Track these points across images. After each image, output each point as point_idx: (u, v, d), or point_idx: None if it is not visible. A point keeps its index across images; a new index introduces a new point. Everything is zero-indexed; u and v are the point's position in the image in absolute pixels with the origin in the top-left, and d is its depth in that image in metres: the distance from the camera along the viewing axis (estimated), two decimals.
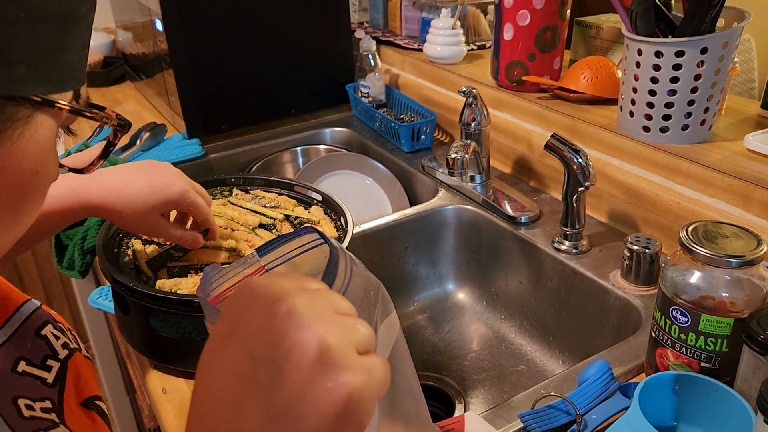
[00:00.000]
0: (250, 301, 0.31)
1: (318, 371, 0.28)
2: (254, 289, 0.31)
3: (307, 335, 0.29)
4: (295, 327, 0.29)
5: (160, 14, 1.09)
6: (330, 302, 0.31)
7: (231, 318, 0.31)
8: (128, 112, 1.40)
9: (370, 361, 0.30)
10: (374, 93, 1.27)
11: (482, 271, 0.99)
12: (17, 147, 0.31)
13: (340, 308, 0.31)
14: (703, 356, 0.57)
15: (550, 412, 0.59)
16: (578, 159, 0.79)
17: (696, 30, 0.77)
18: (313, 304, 0.30)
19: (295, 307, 0.29)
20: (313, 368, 0.28)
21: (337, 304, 0.31)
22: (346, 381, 0.28)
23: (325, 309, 0.30)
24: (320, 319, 0.29)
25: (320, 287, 0.32)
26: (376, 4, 1.47)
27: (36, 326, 0.44)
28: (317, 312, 0.30)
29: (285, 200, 0.82)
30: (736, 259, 0.55)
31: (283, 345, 0.29)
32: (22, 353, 0.41)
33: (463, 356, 0.91)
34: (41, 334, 0.44)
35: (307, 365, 0.28)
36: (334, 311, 0.31)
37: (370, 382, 0.29)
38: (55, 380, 0.42)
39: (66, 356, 0.44)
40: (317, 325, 0.29)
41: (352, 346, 0.30)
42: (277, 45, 1.22)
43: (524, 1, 0.99)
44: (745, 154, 0.80)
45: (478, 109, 0.97)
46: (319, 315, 0.30)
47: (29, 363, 0.41)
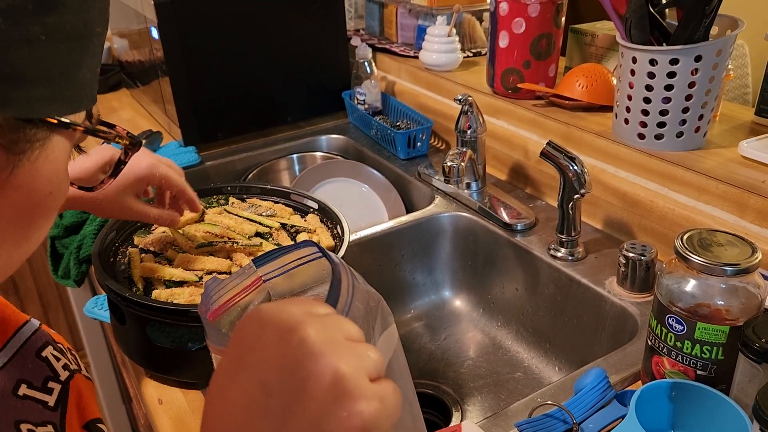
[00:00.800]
0: (260, 330, 0.31)
1: (333, 401, 0.28)
2: (263, 317, 0.31)
3: (321, 365, 0.29)
4: (308, 357, 0.29)
5: (156, 22, 1.09)
6: (340, 328, 0.31)
7: (241, 347, 0.31)
8: (124, 120, 1.40)
9: (382, 387, 0.30)
10: (370, 100, 1.27)
11: (479, 279, 0.99)
12: (34, 168, 0.32)
13: (349, 334, 0.31)
14: (699, 364, 0.57)
15: (547, 421, 0.59)
16: (574, 166, 0.80)
17: (690, 38, 0.78)
18: (324, 331, 0.30)
19: (308, 336, 0.29)
20: (328, 398, 0.29)
21: (346, 330, 0.31)
22: (361, 410, 0.28)
23: (336, 336, 0.30)
24: (332, 347, 0.30)
25: (328, 311, 0.32)
26: (372, 11, 1.48)
27: (36, 347, 0.43)
28: (328, 340, 0.30)
29: (281, 209, 0.82)
30: (731, 267, 0.55)
31: (297, 375, 0.29)
32: (23, 375, 0.41)
33: (460, 363, 0.91)
34: (42, 355, 0.43)
35: (321, 395, 0.29)
36: (344, 338, 0.31)
37: (384, 410, 0.29)
38: (57, 403, 0.42)
39: (67, 377, 0.44)
40: (330, 354, 0.29)
41: (365, 374, 0.30)
42: (273, 52, 1.23)
43: (519, 8, 0.99)
44: (740, 160, 0.81)
45: (474, 116, 0.97)
46: (331, 343, 0.30)
47: (30, 386, 0.40)
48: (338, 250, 0.72)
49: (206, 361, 0.64)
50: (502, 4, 1.00)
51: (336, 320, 0.32)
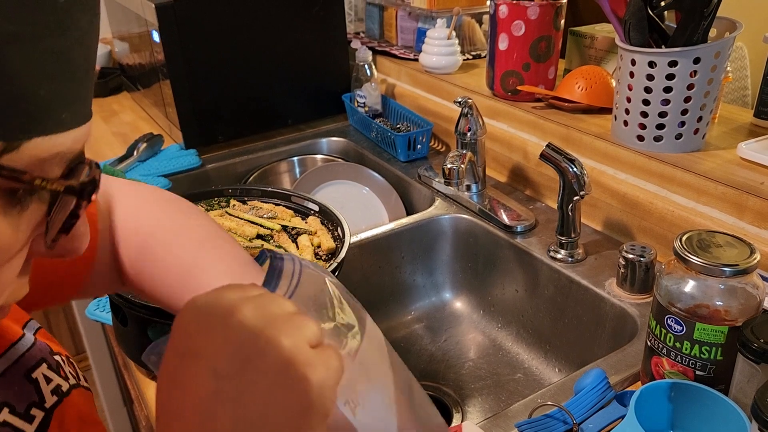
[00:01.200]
0: (199, 318, 0.31)
1: (279, 372, 0.30)
2: (201, 306, 0.32)
3: (262, 341, 0.30)
4: (250, 336, 0.30)
5: (157, 25, 1.10)
6: (275, 304, 0.32)
7: (184, 338, 0.31)
8: (125, 123, 1.40)
9: (324, 352, 0.32)
10: (370, 103, 1.28)
11: (479, 280, 1.00)
12: None
13: (285, 309, 0.32)
14: (698, 364, 0.58)
15: (547, 422, 0.59)
16: (573, 168, 0.80)
17: (689, 40, 0.78)
18: (260, 309, 0.31)
19: (245, 317, 0.31)
20: (274, 370, 0.30)
21: (281, 305, 0.32)
22: (307, 376, 0.30)
23: (272, 311, 0.32)
24: (270, 322, 0.31)
25: (261, 292, 0.33)
26: (371, 14, 1.48)
27: (28, 367, 0.41)
28: (266, 316, 0.31)
29: (282, 211, 0.83)
30: (729, 268, 0.55)
31: (242, 355, 0.30)
32: (7, 398, 0.38)
33: (461, 365, 0.91)
34: (32, 377, 0.41)
35: (268, 369, 0.30)
36: (281, 312, 0.32)
37: (328, 372, 0.31)
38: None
39: (54, 403, 0.41)
40: (269, 329, 0.30)
41: (305, 342, 0.31)
42: (274, 55, 1.23)
43: (519, 11, 1.00)
44: (738, 162, 0.81)
45: (474, 118, 0.98)
46: (269, 319, 0.31)
47: (12, 411, 0.38)
48: (339, 251, 0.72)
49: None
50: (502, 6, 1.01)
51: (270, 297, 0.33)
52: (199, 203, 0.84)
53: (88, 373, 1.95)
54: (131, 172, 1.13)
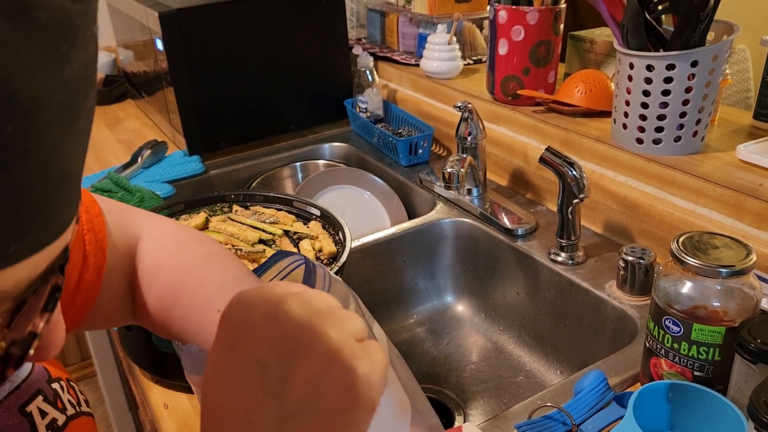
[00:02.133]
0: (246, 311, 0.32)
1: (325, 363, 0.30)
2: (247, 299, 0.32)
3: (308, 331, 0.30)
4: (295, 327, 0.30)
5: (161, 34, 1.11)
6: (320, 299, 0.33)
7: (230, 330, 0.32)
8: (130, 130, 1.42)
9: (369, 346, 0.32)
10: (372, 108, 1.28)
11: (480, 283, 1.00)
12: None
13: (329, 303, 0.33)
14: (696, 365, 0.58)
15: (546, 423, 0.60)
16: (572, 171, 0.81)
17: (686, 44, 0.79)
18: (306, 302, 0.32)
19: (291, 309, 0.31)
20: (320, 360, 0.30)
21: (325, 299, 0.33)
22: (352, 367, 0.30)
23: (318, 305, 0.32)
24: (316, 315, 0.31)
25: (306, 288, 0.34)
26: (373, 20, 1.49)
27: (23, 401, 0.39)
28: (311, 309, 0.31)
29: (284, 216, 0.84)
30: (726, 269, 0.56)
31: (288, 346, 0.30)
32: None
33: (462, 368, 0.92)
34: (26, 410, 0.39)
35: (313, 359, 0.30)
36: (326, 306, 0.32)
37: (374, 365, 0.31)
38: None
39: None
40: (315, 321, 0.31)
41: (351, 335, 0.31)
42: (276, 62, 1.24)
43: (518, 16, 1.00)
44: (738, 164, 0.81)
45: (474, 123, 0.99)
46: (314, 312, 0.31)
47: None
48: (340, 256, 0.73)
49: None
50: (501, 12, 1.02)
51: (314, 293, 0.33)
52: (202, 209, 0.85)
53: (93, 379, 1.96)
54: (135, 179, 1.14)
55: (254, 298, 0.32)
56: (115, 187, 0.98)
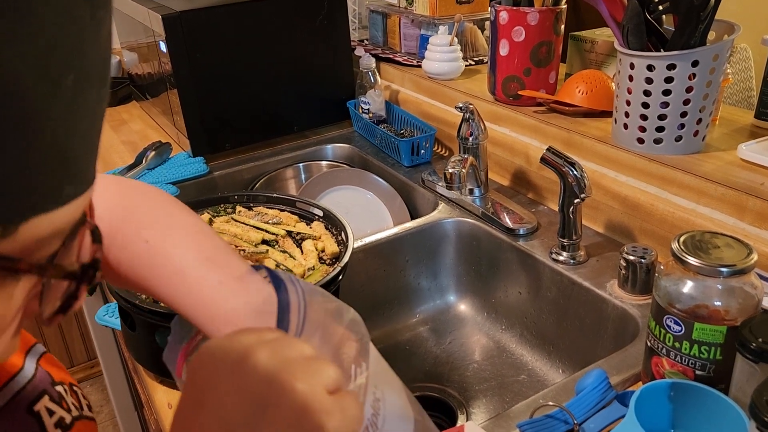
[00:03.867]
0: (213, 365, 0.30)
1: (295, 421, 0.28)
2: (215, 352, 0.31)
3: (277, 387, 0.29)
4: (264, 381, 0.29)
5: (164, 36, 1.12)
6: (292, 348, 0.31)
7: (196, 387, 0.31)
8: (134, 131, 1.43)
9: (342, 400, 0.30)
10: (374, 109, 1.29)
11: (482, 283, 1.01)
12: None
13: (302, 353, 0.31)
14: (698, 364, 0.58)
15: (548, 422, 0.60)
16: (573, 171, 0.81)
17: (687, 43, 0.79)
18: (276, 354, 0.30)
19: (259, 362, 0.29)
20: (290, 418, 0.29)
21: (298, 349, 0.31)
22: (321, 423, 0.29)
23: (289, 355, 0.30)
24: (286, 367, 0.29)
25: (278, 335, 0.32)
26: (375, 22, 1.50)
27: (29, 400, 0.40)
28: (282, 361, 0.30)
29: (287, 216, 0.84)
30: (727, 268, 0.56)
31: (256, 403, 0.29)
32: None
33: (465, 367, 0.92)
34: (34, 410, 0.40)
35: (283, 417, 0.29)
36: (298, 357, 0.30)
37: (344, 420, 0.30)
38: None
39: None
40: (284, 374, 0.29)
41: (323, 388, 0.30)
42: (279, 64, 1.25)
43: (519, 17, 1.01)
44: (739, 163, 0.81)
45: (476, 123, 0.99)
46: (285, 364, 0.30)
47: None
48: (343, 256, 0.73)
49: None
50: (502, 13, 1.02)
51: (287, 341, 0.31)
52: (206, 210, 0.86)
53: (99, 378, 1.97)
54: (140, 180, 1.15)
55: (221, 350, 0.31)
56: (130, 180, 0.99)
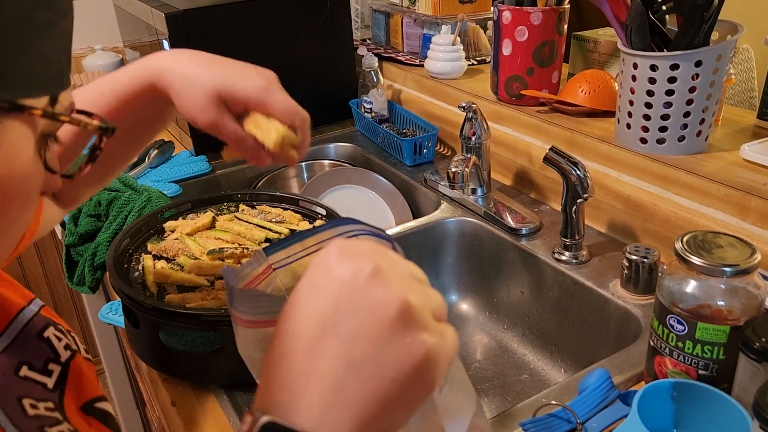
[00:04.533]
0: (337, 259, 0.32)
1: (399, 327, 0.30)
2: (341, 248, 0.33)
3: (391, 293, 0.31)
4: (380, 284, 0.31)
5: (167, 35, 1.12)
6: (409, 269, 0.33)
7: (318, 271, 0.33)
8: None
9: (444, 326, 0.32)
10: (377, 108, 1.29)
11: (484, 282, 1.01)
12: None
13: (417, 275, 0.33)
14: (701, 364, 0.58)
15: (551, 421, 0.60)
16: (576, 171, 0.81)
17: (690, 44, 0.79)
18: (395, 267, 0.32)
19: (381, 267, 0.31)
20: (395, 324, 0.30)
21: (414, 271, 0.34)
22: (424, 339, 0.31)
23: (406, 273, 0.33)
24: (402, 281, 0.32)
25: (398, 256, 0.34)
26: (378, 21, 1.50)
27: (38, 328, 0.45)
28: (399, 275, 0.32)
29: (290, 215, 0.84)
30: (730, 268, 0.56)
31: (368, 299, 0.31)
32: (24, 357, 0.42)
33: (467, 366, 0.92)
34: (43, 336, 0.45)
35: (389, 320, 0.30)
36: (412, 277, 0.33)
37: (444, 344, 0.32)
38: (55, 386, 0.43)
39: (68, 357, 0.45)
40: (401, 286, 0.31)
41: (430, 311, 0.32)
42: (282, 62, 1.25)
43: (522, 17, 1.01)
44: (742, 164, 0.81)
45: (478, 123, 0.99)
46: (401, 278, 0.32)
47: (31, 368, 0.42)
48: None
49: (218, 362, 0.66)
50: (505, 12, 1.02)
51: (404, 261, 0.34)
52: (209, 208, 0.86)
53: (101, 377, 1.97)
54: (143, 178, 1.15)
55: (347, 248, 0.33)
56: (123, 186, 0.99)
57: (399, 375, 0.30)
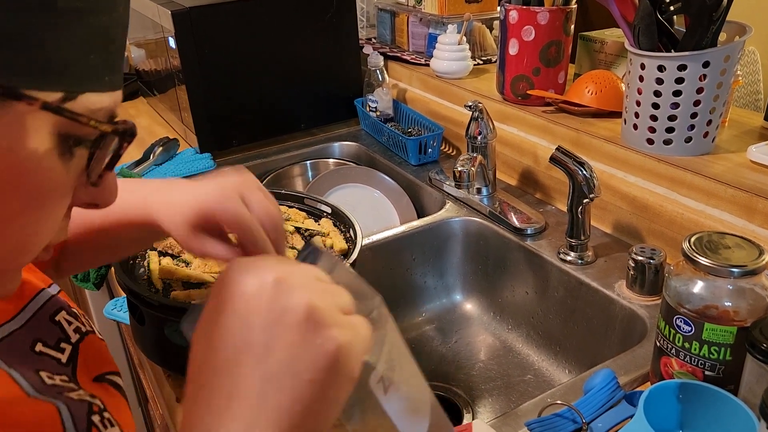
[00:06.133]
0: (238, 276, 0.33)
1: (308, 330, 0.32)
2: (241, 265, 0.34)
3: (295, 299, 0.32)
4: (284, 293, 0.32)
5: (173, 32, 1.12)
6: (310, 273, 0.35)
7: (221, 293, 0.34)
8: (141, 127, 1.43)
9: (354, 319, 0.34)
10: (382, 107, 1.29)
11: (489, 282, 1.00)
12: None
13: (319, 277, 0.35)
14: (707, 365, 0.58)
15: (556, 420, 0.60)
16: (582, 171, 0.81)
17: (698, 44, 0.79)
18: (296, 273, 0.34)
19: (283, 277, 0.33)
20: (304, 328, 0.32)
21: (317, 274, 0.35)
22: (334, 335, 0.32)
23: (308, 277, 0.34)
24: (305, 285, 0.33)
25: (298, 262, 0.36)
26: (383, 20, 1.50)
27: (51, 312, 0.46)
28: (302, 280, 0.33)
29: (295, 213, 0.84)
30: (738, 269, 0.56)
31: (274, 310, 0.32)
32: (39, 335, 0.44)
33: (471, 366, 0.92)
34: (55, 319, 0.46)
35: (298, 326, 0.32)
36: (315, 279, 0.34)
37: (356, 336, 0.33)
38: (68, 360, 0.45)
39: (77, 340, 0.47)
40: (303, 290, 0.33)
41: (336, 307, 0.33)
42: (287, 61, 1.25)
43: (529, 17, 1.01)
44: (748, 165, 0.81)
45: (484, 122, 0.99)
46: (304, 282, 0.33)
47: (45, 344, 0.43)
48: (351, 253, 0.73)
49: None
50: (512, 12, 1.02)
51: (307, 267, 0.35)
52: None
53: None
54: (147, 176, 1.15)
55: (246, 264, 0.34)
56: None
57: (316, 376, 0.31)
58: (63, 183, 0.34)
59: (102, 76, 0.33)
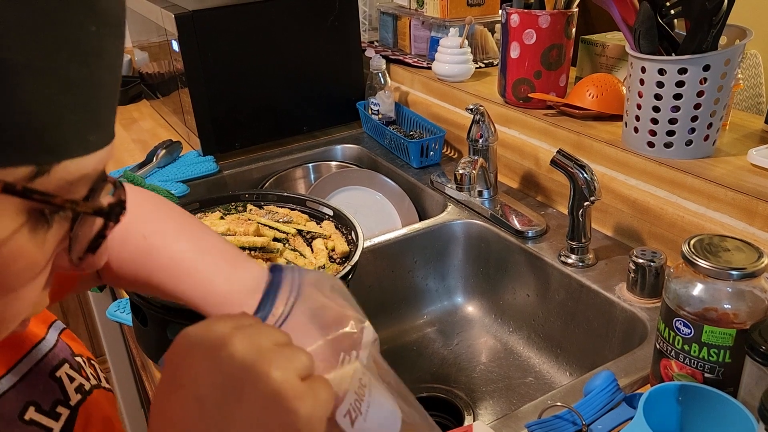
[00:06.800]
0: (190, 350, 0.32)
1: (269, 405, 0.30)
2: (192, 338, 0.32)
3: (253, 374, 0.30)
4: (240, 368, 0.30)
5: (176, 35, 1.13)
6: (267, 336, 0.32)
7: (174, 368, 0.32)
8: (145, 130, 1.44)
9: (314, 384, 0.32)
10: (384, 110, 1.29)
11: (490, 285, 1.01)
12: None
13: (277, 340, 0.33)
14: (707, 367, 0.58)
15: (556, 422, 0.60)
16: (583, 174, 0.81)
17: (698, 48, 0.79)
18: (252, 340, 0.31)
19: (236, 350, 0.31)
20: (264, 402, 0.30)
21: (273, 336, 0.33)
22: (295, 409, 0.30)
23: (263, 343, 0.32)
24: (260, 354, 0.31)
25: (253, 322, 0.33)
26: (385, 23, 1.50)
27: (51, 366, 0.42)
28: (257, 349, 0.31)
29: (297, 215, 0.85)
30: (737, 272, 0.56)
31: (230, 385, 0.30)
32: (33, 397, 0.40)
33: (472, 368, 0.92)
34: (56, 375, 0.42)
35: (255, 400, 0.30)
36: (272, 344, 0.32)
37: (317, 404, 0.31)
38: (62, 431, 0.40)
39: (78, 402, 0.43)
40: (258, 361, 0.31)
41: (295, 374, 0.31)
42: (289, 64, 1.26)
43: (530, 20, 1.01)
44: (749, 168, 0.81)
45: (486, 125, 0.99)
46: (260, 351, 0.31)
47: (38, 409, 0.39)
48: (353, 255, 0.74)
49: None
50: (513, 15, 1.03)
51: (261, 329, 0.33)
52: (217, 208, 0.86)
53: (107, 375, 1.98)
54: (150, 178, 1.16)
55: (198, 335, 0.32)
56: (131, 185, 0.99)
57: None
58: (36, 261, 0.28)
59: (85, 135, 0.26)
